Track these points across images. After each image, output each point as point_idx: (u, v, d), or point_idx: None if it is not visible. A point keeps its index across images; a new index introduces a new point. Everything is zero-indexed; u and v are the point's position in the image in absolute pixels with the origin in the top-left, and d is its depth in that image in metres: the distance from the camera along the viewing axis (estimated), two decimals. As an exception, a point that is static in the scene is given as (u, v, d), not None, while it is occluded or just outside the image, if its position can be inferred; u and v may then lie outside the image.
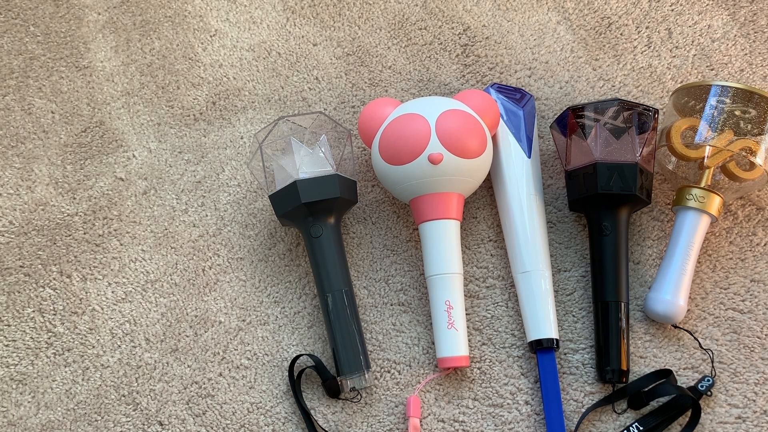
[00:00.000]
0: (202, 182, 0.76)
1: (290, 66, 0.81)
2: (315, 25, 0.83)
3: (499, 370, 0.67)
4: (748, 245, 0.70)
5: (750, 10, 0.81)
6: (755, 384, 0.65)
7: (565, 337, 0.68)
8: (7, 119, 0.79)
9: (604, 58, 0.80)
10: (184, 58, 0.81)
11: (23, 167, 0.77)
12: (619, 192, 0.66)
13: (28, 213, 0.74)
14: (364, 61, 0.81)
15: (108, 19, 0.84)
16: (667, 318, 0.66)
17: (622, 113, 0.68)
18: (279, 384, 0.67)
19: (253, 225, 0.74)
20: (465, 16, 0.82)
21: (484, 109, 0.68)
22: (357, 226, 0.73)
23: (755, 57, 0.79)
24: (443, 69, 0.80)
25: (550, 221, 0.73)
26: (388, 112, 0.68)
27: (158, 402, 0.66)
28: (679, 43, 0.80)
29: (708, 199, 0.66)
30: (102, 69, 0.81)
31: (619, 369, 0.64)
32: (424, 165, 0.64)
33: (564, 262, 0.71)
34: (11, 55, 0.82)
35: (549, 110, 0.77)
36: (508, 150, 0.71)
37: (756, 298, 0.68)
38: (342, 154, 0.69)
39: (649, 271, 0.70)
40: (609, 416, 0.65)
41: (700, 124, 0.67)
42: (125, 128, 0.78)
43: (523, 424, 0.65)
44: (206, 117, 0.79)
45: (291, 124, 0.70)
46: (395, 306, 0.70)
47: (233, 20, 0.83)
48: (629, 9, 0.82)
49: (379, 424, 0.65)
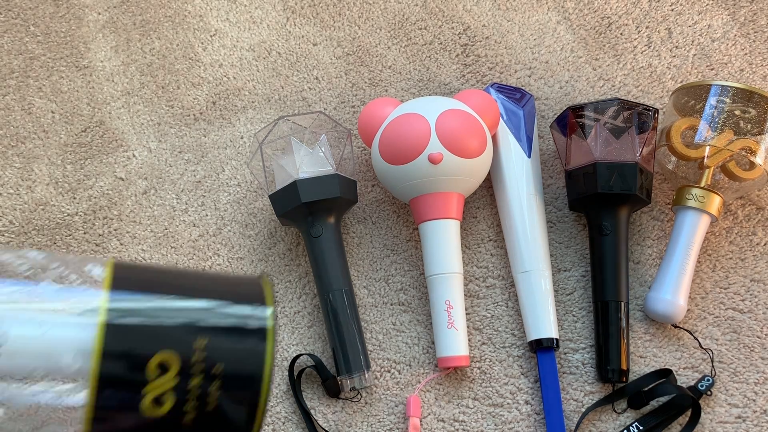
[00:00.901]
0: (202, 182, 0.76)
1: (290, 66, 0.81)
2: (315, 25, 0.83)
3: (499, 370, 0.67)
4: (748, 245, 0.70)
5: (750, 10, 0.81)
6: (755, 384, 0.65)
7: (565, 336, 0.68)
8: (7, 119, 0.79)
9: (604, 58, 0.80)
10: (184, 58, 0.82)
11: (23, 167, 0.77)
12: (619, 192, 0.66)
13: (29, 213, 0.75)
14: (364, 61, 0.81)
15: (108, 19, 0.84)
16: (667, 318, 0.66)
17: (622, 113, 0.68)
18: (279, 384, 0.67)
19: (253, 225, 0.74)
20: (465, 16, 0.82)
21: (484, 109, 0.68)
22: (357, 226, 0.73)
23: (755, 57, 0.79)
24: (443, 69, 0.80)
25: (550, 221, 0.73)
26: (388, 111, 0.68)
27: (158, 402, 0.66)
28: (679, 43, 0.80)
29: (708, 198, 0.66)
30: (102, 69, 0.81)
31: (619, 368, 0.64)
32: (424, 165, 0.64)
33: (564, 262, 0.71)
34: (11, 55, 0.82)
35: (549, 110, 0.77)
36: (508, 150, 0.71)
37: (756, 298, 0.68)
38: (342, 154, 0.69)
39: (649, 271, 0.70)
40: (609, 416, 0.65)
41: (700, 123, 0.67)
42: (125, 128, 0.78)
43: (523, 423, 0.65)
44: (206, 117, 0.79)
45: (291, 124, 0.70)
46: (395, 306, 0.70)
47: (233, 20, 0.83)
48: (629, 9, 0.82)
49: (379, 424, 0.65)
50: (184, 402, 0.35)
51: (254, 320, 0.37)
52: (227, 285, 0.39)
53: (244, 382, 0.36)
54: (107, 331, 0.34)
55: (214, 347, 0.36)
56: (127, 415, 0.34)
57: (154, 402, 0.34)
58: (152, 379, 0.34)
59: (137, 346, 0.34)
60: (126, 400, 0.34)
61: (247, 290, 0.38)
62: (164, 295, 0.36)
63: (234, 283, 0.39)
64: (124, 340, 0.34)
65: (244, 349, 0.36)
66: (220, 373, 0.35)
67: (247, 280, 0.40)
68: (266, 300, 0.38)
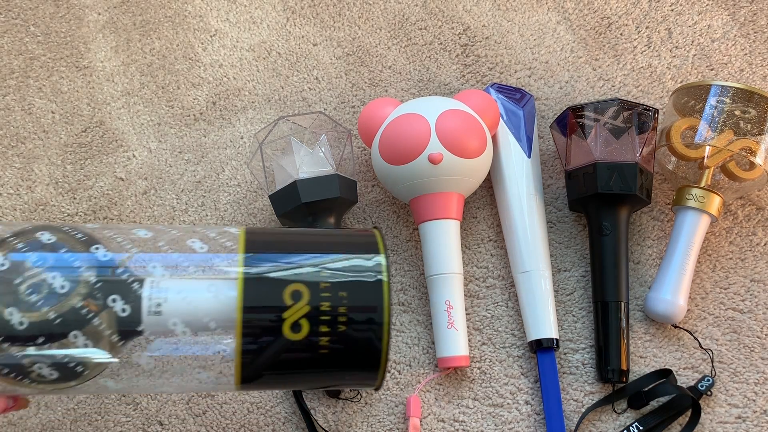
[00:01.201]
0: (202, 182, 0.76)
1: (290, 66, 0.81)
2: (315, 25, 0.83)
3: (499, 370, 0.67)
4: (748, 245, 0.70)
5: (750, 10, 0.81)
6: (755, 384, 0.65)
7: (565, 337, 0.68)
8: (7, 119, 0.79)
9: (604, 58, 0.80)
10: (184, 58, 0.82)
11: (23, 167, 0.77)
12: (619, 192, 0.66)
13: (29, 213, 0.74)
14: (364, 61, 0.81)
15: (108, 19, 0.84)
16: (667, 318, 0.66)
17: (622, 113, 0.68)
18: (279, 384, 0.67)
19: (254, 225, 0.74)
20: (465, 16, 0.82)
21: (484, 109, 0.68)
22: (357, 227, 0.73)
23: (755, 57, 0.79)
24: (443, 69, 0.80)
25: (550, 221, 0.73)
26: (388, 112, 0.68)
27: (158, 402, 0.66)
28: (679, 43, 0.80)
29: (708, 199, 0.66)
30: (102, 69, 0.81)
31: (619, 369, 0.64)
32: (424, 165, 0.64)
33: (564, 262, 0.71)
34: (11, 55, 0.82)
35: (549, 110, 0.77)
36: (508, 150, 0.71)
37: (756, 298, 0.68)
38: (342, 154, 0.69)
39: (649, 271, 0.70)
40: (609, 416, 0.65)
41: (700, 124, 0.67)
42: (125, 128, 0.78)
43: (523, 424, 0.65)
44: (206, 117, 0.79)
45: (291, 124, 0.70)
46: (395, 306, 0.70)
47: (233, 20, 0.83)
48: (629, 9, 0.82)
49: (379, 424, 0.65)
50: (317, 326, 0.40)
51: (371, 261, 0.42)
52: (344, 237, 0.44)
53: (368, 308, 0.41)
54: (246, 279, 0.40)
55: (338, 281, 0.41)
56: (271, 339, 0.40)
57: (293, 327, 0.39)
58: (289, 305, 0.39)
59: (273, 283, 0.40)
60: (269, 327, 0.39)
61: (362, 240, 0.44)
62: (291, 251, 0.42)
63: (349, 235, 0.45)
64: (262, 281, 0.40)
65: (365, 282, 0.41)
66: (345, 300, 0.40)
67: (360, 231, 0.45)
68: (379, 247, 0.43)
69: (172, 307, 0.40)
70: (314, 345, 0.40)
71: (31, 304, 0.38)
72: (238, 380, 0.41)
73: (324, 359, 0.41)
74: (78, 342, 0.39)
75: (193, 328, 0.40)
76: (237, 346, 0.39)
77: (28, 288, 0.38)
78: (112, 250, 0.41)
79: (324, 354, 0.40)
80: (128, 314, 0.39)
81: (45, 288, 0.39)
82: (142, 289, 0.40)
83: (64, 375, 0.40)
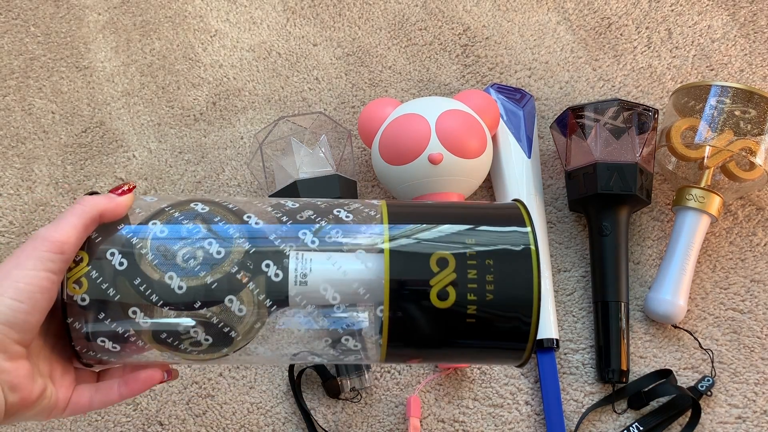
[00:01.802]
0: (202, 182, 0.76)
1: (290, 66, 0.81)
2: (315, 26, 0.83)
3: (499, 370, 0.67)
4: (748, 245, 0.70)
5: (750, 10, 0.81)
6: (755, 384, 0.65)
7: (565, 337, 0.68)
8: (7, 119, 0.79)
9: (604, 58, 0.80)
10: (184, 59, 0.82)
11: (23, 167, 0.77)
12: (619, 192, 0.66)
13: (29, 213, 0.75)
14: (364, 61, 0.81)
15: (108, 19, 0.84)
16: (667, 318, 0.66)
17: (622, 113, 0.68)
18: (279, 384, 0.67)
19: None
20: (465, 17, 0.82)
21: (484, 109, 0.68)
22: (357, 227, 0.73)
23: (755, 57, 0.79)
24: (443, 69, 0.80)
25: (550, 221, 0.73)
26: (388, 112, 0.68)
27: (158, 402, 0.66)
28: (679, 43, 0.80)
29: (708, 199, 0.66)
30: (102, 69, 0.81)
31: (619, 369, 0.64)
32: (424, 165, 0.64)
33: (564, 262, 0.71)
34: (11, 56, 0.82)
35: (549, 110, 0.77)
36: (508, 150, 0.71)
37: (756, 298, 0.68)
38: (342, 154, 0.69)
39: (649, 271, 0.70)
40: (609, 416, 0.65)
41: (700, 124, 0.67)
42: (125, 128, 0.78)
43: (523, 424, 0.65)
44: (206, 117, 0.79)
45: (291, 124, 0.70)
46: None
47: (233, 20, 0.83)
48: (629, 9, 0.82)
49: (379, 424, 0.65)
50: (465, 294, 0.39)
51: (517, 231, 0.41)
52: (486, 209, 0.44)
53: (517, 276, 0.40)
54: (392, 250, 0.40)
55: (484, 249, 0.40)
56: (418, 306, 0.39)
57: (439, 295, 0.39)
58: (435, 272, 0.39)
59: (418, 250, 0.40)
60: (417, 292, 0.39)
61: (506, 212, 0.43)
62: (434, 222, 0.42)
63: (491, 207, 0.44)
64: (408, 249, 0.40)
65: (512, 251, 0.40)
66: (492, 268, 0.40)
67: (501, 204, 0.45)
68: (525, 218, 0.42)
69: (318, 275, 0.40)
70: (461, 314, 0.39)
71: (189, 269, 0.39)
72: (384, 351, 0.41)
73: (471, 329, 0.40)
74: (233, 307, 0.40)
75: (342, 295, 0.40)
76: (385, 312, 0.39)
77: (186, 254, 0.40)
78: (263, 219, 0.42)
79: (471, 324, 0.40)
80: (281, 279, 0.40)
81: (201, 254, 0.40)
82: (289, 256, 0.40)
83: (217, 341, 0.41)
